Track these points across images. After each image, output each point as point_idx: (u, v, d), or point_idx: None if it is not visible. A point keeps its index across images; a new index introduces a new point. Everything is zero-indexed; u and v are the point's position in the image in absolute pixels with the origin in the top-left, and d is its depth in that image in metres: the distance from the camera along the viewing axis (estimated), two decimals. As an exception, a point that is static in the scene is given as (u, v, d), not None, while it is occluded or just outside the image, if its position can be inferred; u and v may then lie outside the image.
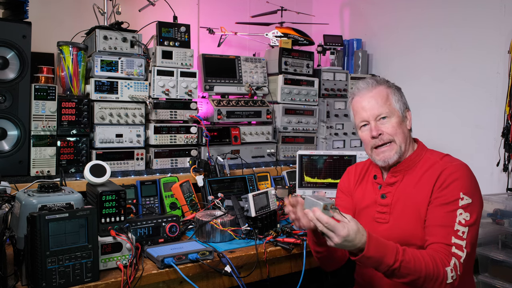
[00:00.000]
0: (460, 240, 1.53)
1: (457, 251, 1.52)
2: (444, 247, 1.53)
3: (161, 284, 1.69)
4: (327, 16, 3.85)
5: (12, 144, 2.20)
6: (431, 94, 3.09)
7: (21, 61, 2.20)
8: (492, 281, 2.27)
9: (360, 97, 1.78)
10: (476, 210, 1.58)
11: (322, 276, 2.54)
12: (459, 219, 1.55)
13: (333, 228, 1.40)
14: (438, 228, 1.57)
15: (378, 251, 1.44)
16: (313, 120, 3.21)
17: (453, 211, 1.57)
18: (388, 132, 1.71)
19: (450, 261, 1.50)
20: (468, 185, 1.61)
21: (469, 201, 1.57)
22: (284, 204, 1.50)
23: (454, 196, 1.58)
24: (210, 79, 2.92)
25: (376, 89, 1.76)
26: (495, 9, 2.72)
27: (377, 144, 1.74)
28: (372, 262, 1.46)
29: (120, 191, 1.70)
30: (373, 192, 1.82)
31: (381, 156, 1.74)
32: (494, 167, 2.68)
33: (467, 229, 1.54)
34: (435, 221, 1.59)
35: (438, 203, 1.61)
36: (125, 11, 2.81)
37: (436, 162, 1.70)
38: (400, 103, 1.75)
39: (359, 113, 1.77)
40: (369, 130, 1.74)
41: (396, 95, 1.76)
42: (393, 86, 1.80)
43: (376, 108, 1.73)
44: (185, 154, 2.69)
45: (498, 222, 2.35)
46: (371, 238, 1.43)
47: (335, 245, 1.42)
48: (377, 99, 1.73)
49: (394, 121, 1.72)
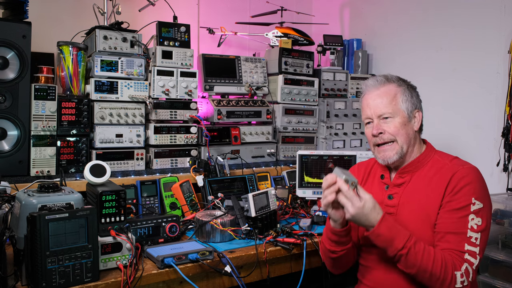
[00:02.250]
0: (473, 246, 1.53)
1: (470, 257, 1.52)
2: (457, 253, 1.53)
3: (161, 284, 1.69)
4: (327, 16, 3.85)
5: (12, 144, 2.20)
6: (431, 94, 3.08)
7: (21, 61, 2.20)
8: (492, 281, 2.27)
9: (368, 94, 1.77)
10: (486, 215, 1.58)
11: (322, 276, 2.53)
12: (471, 224, 1.55)
13: (351, 198, 1.49)
14: (451, 235, 1.56)
15: (389, 231, 1.50)
16: (313, 120, 3.21)
17: (465, 217, 1.56)
18: (390, 131, 1.71)
19: (461, 266, 1.50)
20: (480, 190, 1.60)
21: (481, 206, 1.57)
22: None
23: (466, 201, 1.57)
24: (210, 79, 2.92)
25: (384, 87, 1.74)
26: (495, 9, 2.72)
27: (377, 142, 1.74)
28: (381, 240, 1.52)
29: (120, 191, 1.70)
30: (380, 193, 1.80)
31: (381, 155, 1.74)
32: (494, 167, 2.68)
33: (479, 235, 1.55)
34: (448, 227, 1.58)
35: (450, 208, 1.60)
36: (125, 11, 2.81)
37: (445, 165, 1.69)
38: (408, 103, 1.72)
39: (365, 109, 1.78)
40: (371, 127, 1.75)
41: (405, 95, 1.73)
42: (405, 85, 1.76)
43: (379, 107, 1.72)
44: (185, 154, 2.69)
45: (498, 222, 2.35)
46: (385, 218, 1.51)
47: (351, 216, 1.50)
48: (382, 98, 1.72)
49: (397, 121, 1.71)
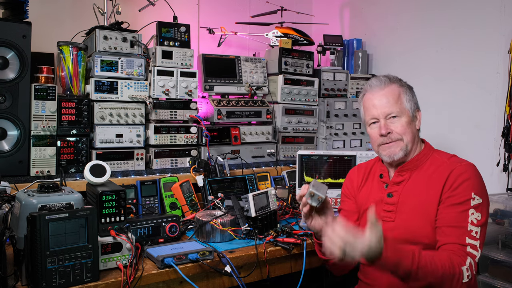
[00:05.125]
0: (474, 240, 1.55)
1: (472, 250, 1.53)
2: (459, 247, 1.54)
3: (161, 284, 1.69)
4: (327, 16, 3.85)
5: (12, 144, 2.20)
6: (431, 94, 3.09)
7: (21, 61, 2.20)
8: (492, 281, 2.27)
9: (372, 94, 1.77)
10: (485, 210, 1.60)
11: (322, 276, 2.54)
12: (471, 219, 1.57)
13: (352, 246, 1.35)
14: (452, 229, 1.58)
15: (395, 255, 1.41)
16: (313, 120, 3.21)
17: (465, 211, 1.58)
18: (397, 131, 1.72)
19: (466, 261, 1.51)
20: (478, 185, 1.63)
21: (480, 201, 1.59)
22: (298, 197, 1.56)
23: (466, 196, 1.59)
24: (210, 79, 2.92)
25: (388, 87, 1.76)
26: (495, 9, 2.72)
27: (385, 142, 1.74)
28: (390, 265, 1.43)
29: (120, 191, 1.70)
30: (379, 191, 1.82)
31: (387, 152, 1.74)
32: (494, 167, 2.68)
33: (479, 229, 1.56)
34: (448, 221, 1.60)
35: (449, 203, 1.61)
36: (125, 11, 2.81)
37: (444, 162, 1.71)
38: (411, 103, 1.75)
39: (370, 110, 1.77)
40: (378, 127, 1.75)
41: (408, 95, 1.76)
42: (406, 85, 1.79)
43: (387, 107, 1.73)
44: (185, 154, 2.69)
45: (498, 222, 2.35)
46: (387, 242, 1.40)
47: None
48: (388, 98, 1.73)
49: (404, 121, 1.72)
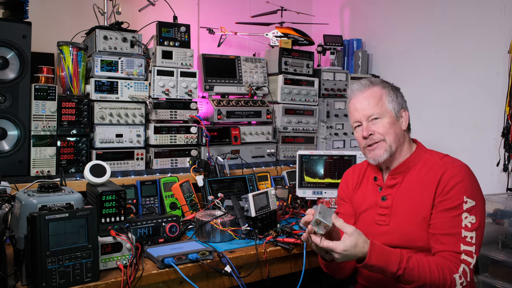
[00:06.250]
0: (469, 246, 1.55)
1: (466, 257, 1.53)
2: (453, 255, 1.54)
3: (161, 284, 1.69)
4: (327, 16, 3.85)
5: (12, 144, 2.20)
6: (431, 94, 3.09)
7: (21, 61, 2.20)
8: (492, 281, 2.27)
9: (354, 99, 1.80)
10: (480, 212, 1.59)
11: (322, 276, 2.54)
12: (465, 223, 1.56)
13: (331, 248, 1.48)
14: (446, 237, 1.58)
15: (380, 260, 1.48)
16: (313, 120, 3.21)
17: (458, 216, 1.58)
18: (379, 131, 1.73)
19: (458, 268, 1.51)
20: (471, 187, 1.62)
21: (473, 204, 1.58)
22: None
23: (458, 200, 1.59)
24: (210, 79, 2.92)
25: (369, 90, 1.77)
26: (495, 9, 2.72)
27: (368, 143, 1.76)
28: (376, 269, 1.51)
29: (120, 191, 1.70)
30: (374, 194, 1.82)
31: (371, 154, 1.76)
32: (494, 167, 2.68)
33: (474, 234, 1.56)
34: (442, 228, 1.59)
35: (442, 208, 1.61)
36: (125, 11, 2.81)
37: (436, 163, 1.70)
38: (394, 103, 1.76)
39: (353, 114, 1.81)
40: (361, 130, 1.77)
41: (390, 96, 1.77)
42: (389, 87, 1.80)
43: (367, 109, 1.75)
44: (185, 154, 2.69)
45: (498, 222, 2.35)
46: (373, 248, 1.48)
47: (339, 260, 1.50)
48: (369, 100, 1.75)
49: (385, 121, 1.73)
